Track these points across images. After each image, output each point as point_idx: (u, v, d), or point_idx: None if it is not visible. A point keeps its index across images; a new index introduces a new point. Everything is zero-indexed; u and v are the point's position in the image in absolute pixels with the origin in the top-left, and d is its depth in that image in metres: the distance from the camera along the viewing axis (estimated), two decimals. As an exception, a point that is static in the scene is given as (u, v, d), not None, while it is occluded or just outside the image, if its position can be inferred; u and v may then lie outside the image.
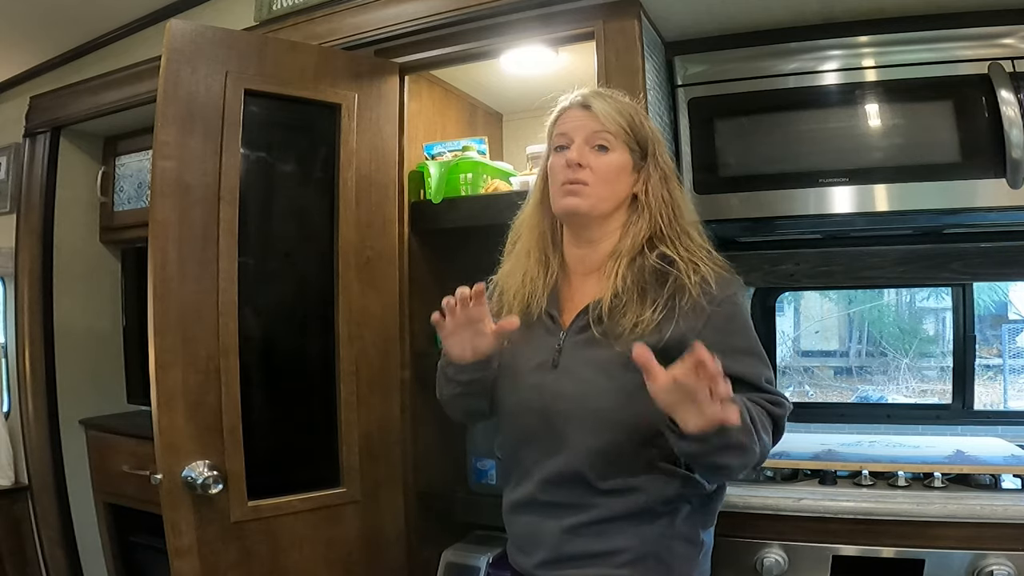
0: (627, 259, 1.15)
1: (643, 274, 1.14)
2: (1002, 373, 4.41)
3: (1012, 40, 1.51)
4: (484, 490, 1.80)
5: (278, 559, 1.55)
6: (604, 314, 1.12)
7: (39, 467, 2.47)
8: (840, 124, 1.60)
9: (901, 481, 1.45)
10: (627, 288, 1.13)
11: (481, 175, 1.82)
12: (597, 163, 1.16)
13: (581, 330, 1.15)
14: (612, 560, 1.11)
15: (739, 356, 1.10)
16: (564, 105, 1.21)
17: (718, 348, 0.96)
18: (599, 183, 1.16)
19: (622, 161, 1.17)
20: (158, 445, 1.43)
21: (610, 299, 1.13)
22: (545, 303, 1.20)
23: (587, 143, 1.16)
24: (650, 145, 1.19)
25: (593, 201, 1.16)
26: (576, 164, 1.15)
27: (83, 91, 2.37)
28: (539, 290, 1.21)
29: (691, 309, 1.09)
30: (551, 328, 1.19)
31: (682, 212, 1.20)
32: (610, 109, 1.17)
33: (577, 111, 1.19)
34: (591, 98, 1.18)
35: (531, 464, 1.17)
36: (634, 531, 1.11)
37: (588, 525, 1.12)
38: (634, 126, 1.18)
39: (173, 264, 1.46)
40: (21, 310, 2.49)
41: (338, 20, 1.81)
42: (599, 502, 1.11)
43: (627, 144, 1.17)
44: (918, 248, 1.90)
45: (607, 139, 1.16)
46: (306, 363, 1.71)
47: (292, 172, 1.69)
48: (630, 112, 1.19)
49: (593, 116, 1.17)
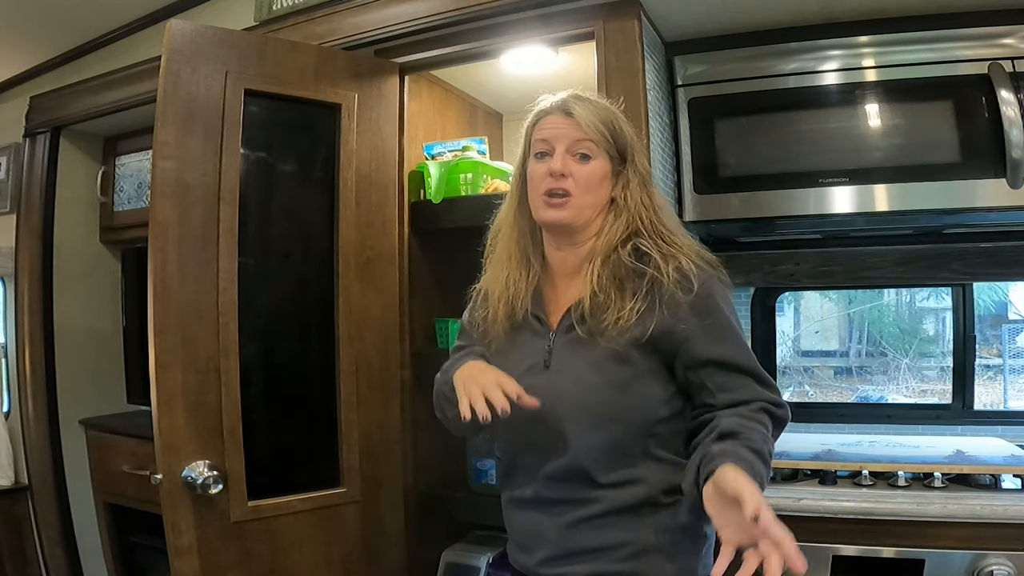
0: (601, 257, 1.16)
1: (619, 268, 1.14)
2: (1002, 373, 4.41)
3: (1012, 40, 1.51)
4: (484, 490, 1.80)
5: (278, 559, 1.55)
6: (586, 313, 1.13)
7: (39, 467, 2.47)
8: (840, 124, 1.60)
9: (901, 481, 1.45)
10: (604, 285, 1.13)
11: (481, 175, 1.82)
12: (579, 173, 1.15)
13: (568, 330, 1.16)
14: (615, 554, 1.11)
15: (723, 342, 1.10)
16: (544, 108, 1.19)
17: (702, 334, 1.04)
18: (581, 192, 1.15)
19: (603, 169, 1.16)
20: (158, 445, 1.43)
21: (590, 298, 1.13)
22: (530, 305, 1.20)
23: (569, 152, 1.15)
24: (628, 151, 1.18)
25: (576, 211, 1.16)
26: (560, 175, 1.14)
27: (83, 91, 2.37)
28: (522, 292, 1.21)
29: (670, 299, 1.09)
30: (539, 330, 1.19)
31: (663, 214, 1.20)
32: (592, 117, 1.15)
33: (558, 117, 1.17)
34: (573, 104, 1.16)
35: (530, 463, 1.17)
36: (637, 524, 1.11)
37: (590, 519, 1.12)
38: (614, 133, 1.17)
39: (173, 264, 1.46)
40: (21, 310, 2.49)
41: (338, 20, 1.81)
42: (601, 496, 1.11)
43: (607, 151, 1.16)
44: (918, 248, 1.91)
45: (589, 148, 1.15)
46: (306, 363, 1.71)
47: (292, 172, 1.69)
48: (610, 118, 1.18)
49: (575, 124, 1.15)
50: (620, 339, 1.09)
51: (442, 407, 1.25)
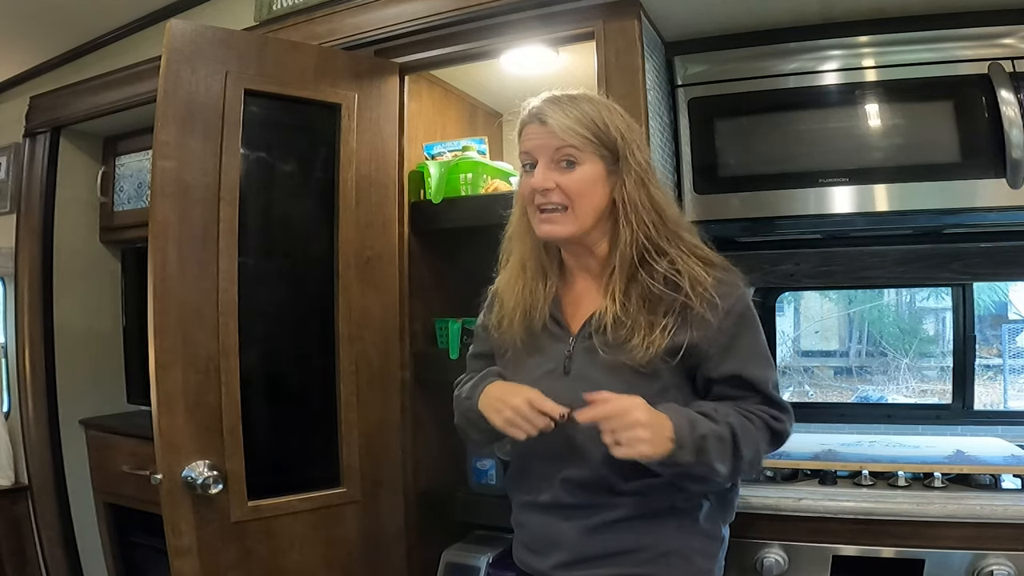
0: (624, 276, 1.12)
1: (647, 295, 1.10)
2: (1002, 373, 4.41)
3: (1012, 40, 1.51)
4: (484, 490, 1.80)
5: (278, 559, 1.55)
6: (608, 327, 1.11)
7: (39, 467, 2.47)
8: (840, 124, 1.59)
9: (901, 481, 1.45)
10: (630, 310, 1.10)
11: (481, 175, 1.82)
12: (567, 181, 1.10)
13: (589, 337, 1.14)
14: (634, 558, 1.10)
15: (746, 362, 1.10)
16: (523, 118, 1.15)
17: (727, 354, 1.04)
18: (575, 200, 1.11)
19: (593, 172, 1.11)
20: (158, 445, 1.43)
21: (612, 317, 1.10)
22: (548, 311, 1.18)
23: (552, 162, 1.11)
24: (620, 146, 1.12)
25: (573, 223, 1.12)
26: (544, 190, 1.11)
27: (83, 91, 2.37)
28: (540, 301, 1.19)
29: (700, 319, 1.08)
30: (559, 335, 1.18)
31: (666, 214, 1.15)
32: (568, 120, 1.09)
33: (535, 127, 1.12)
34: (547, 111, 1.11)
35: (547, 469, 1.15)
36: (656, 528, 1.11)
37: (610, 525, 1.11)
38: (598, 132, 1.10)
39: (173, 264, 1.46)
40: (21, 310, 2.49)
41: (338, 20, 1.81)
42: (621, 502, 1.11)
43: (596, 152, 1.11)
44: (918, 248, 1.90)
45: (571, 154, 1.10)
46: (306, 363, 1.70)
47: (292, 172, 1.69)
48: (591, 117, 1.11)
49: (551, 132, 1.10)
50: (645, 358, 1.07)
51: (465, 431, 1.25)
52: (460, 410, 1.24)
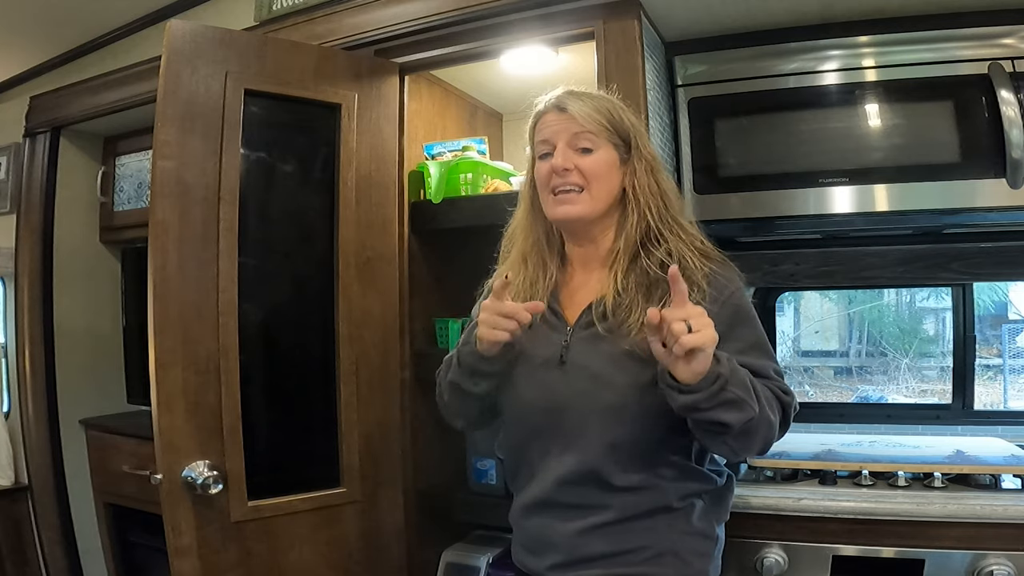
0: (627, 259, 1.15)
1: (647, 274, 1.13)
2: (1002, 373, 4.42)
3: (1012, 40, 1.51)
4: (484, 490, 1.80)
5: (278, 559, 1.55)
6: (608, 311, 1.12)
7: (39, 467, 2.47)
8: (840, 124, 1.59)
9: (901, 481, 1.45)
10: (629, 288, 1.13)
11: (481, 175, 1.82)
12: (585, 164, 1.15)
13: (587, 326, 1.15)
14: (629, 559, 1.11)
15: (745, 351, 1.10)
16: (540, 110, 1.20)
17: (723, 344, 1.01)
18: (591, 182, 1.15)
19: (609, 158, 1.16)
20: (158, 445, 1.43)
21: (613, 297, 1.13)
22: (547, 303, 1.19)
23: (570, 146, 1.15)
24: (632, 137, 1.18)
25: (588, 203, 1.16)
26: (563, 169, 1.14)
27: (83, 91, 2.37)
28: (539, 294, 1.20)
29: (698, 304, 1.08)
30: (556, 324, 1.19)
31: (671, 201, 1.20)
32: (587, 108, 1.15)
33: (554, 115, 1.17)
34: (566, 99, 1.17)
35: (540, 463, 1.16)
36: (651, 529, 1.11)
37: (604, 526, 1.11)
38: (613, 121, 1.17)
39: (173, 264, 1.46)
40: (21, 310, 2.49)
41: (338, 20, 1.81)
42: (615, 502, 1.11)
43: (610, 140, 1.16)
44: (918, 248, 1.90)
45: (589, 139, 1.15)
46: (306, 363, 1.71)
47: (292, 172, 1.69)
48: (607, 107, 1.17)
49: (571, 118, 1.15)
50: (641, 335, 1.06)
51: (454, 391, 1.23)
52: (449, 378, 1.24)
